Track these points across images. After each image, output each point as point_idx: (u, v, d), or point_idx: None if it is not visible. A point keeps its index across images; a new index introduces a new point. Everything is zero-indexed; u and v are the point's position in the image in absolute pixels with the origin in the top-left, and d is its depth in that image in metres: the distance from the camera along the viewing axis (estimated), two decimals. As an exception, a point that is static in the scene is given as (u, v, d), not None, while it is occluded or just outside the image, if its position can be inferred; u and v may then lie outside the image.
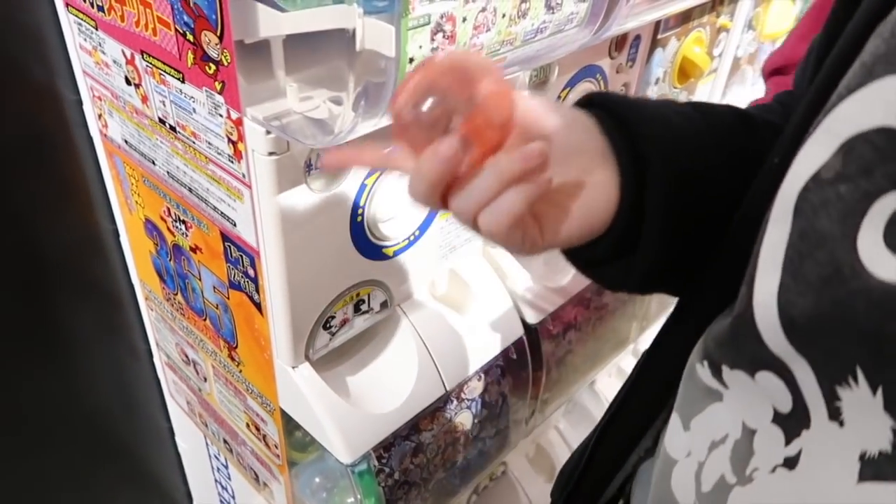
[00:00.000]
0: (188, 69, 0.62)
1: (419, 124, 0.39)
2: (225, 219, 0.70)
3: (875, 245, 0.29)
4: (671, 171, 0.43)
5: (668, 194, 0.43)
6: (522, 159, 0.38)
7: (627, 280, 0.47)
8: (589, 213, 0.43)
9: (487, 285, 0.94)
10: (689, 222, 0.45)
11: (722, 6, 1.21)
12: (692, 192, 0.44)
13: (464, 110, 0.38)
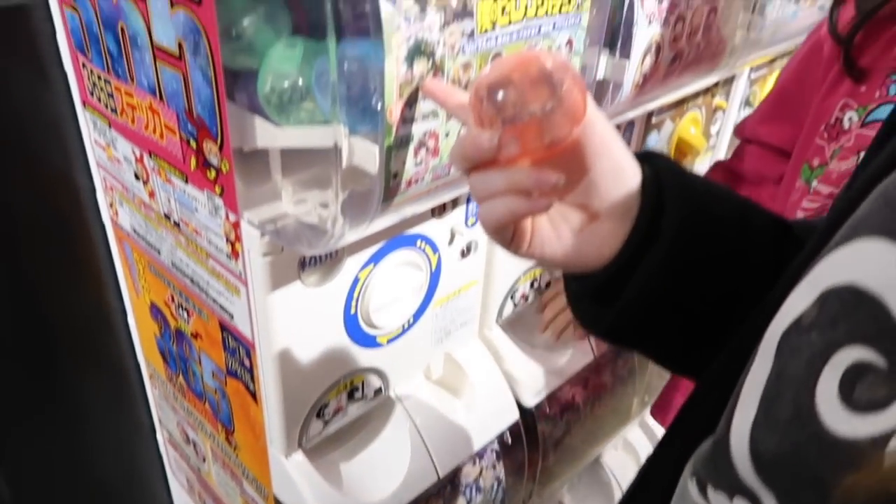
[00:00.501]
0: (191, 172, 0.65)
1: (490, 107, 0.42)
2: (223, 311, 0.73)
3: (830, 395, 0.30)
4: (677, 256, 0.44)
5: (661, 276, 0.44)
6: (536, 180, 0.41)
7: (595, 324, 0.49)
8: (580, 252, 0.46)
9: (483, 368, 0.95)
10: (673, 303, 0.46)
11: (717, 87, 1.24)
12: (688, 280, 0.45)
13: (532, 110, 0.41)
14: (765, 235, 0.48)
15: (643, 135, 1.10)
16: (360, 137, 0.52)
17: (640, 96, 0.79)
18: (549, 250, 0.46)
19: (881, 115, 0.64)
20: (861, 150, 0.65)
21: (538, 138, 0.42)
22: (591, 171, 0.44)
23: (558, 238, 0.46)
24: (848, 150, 0.66)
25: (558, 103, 0.41)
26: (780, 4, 0.94)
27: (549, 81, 0.41)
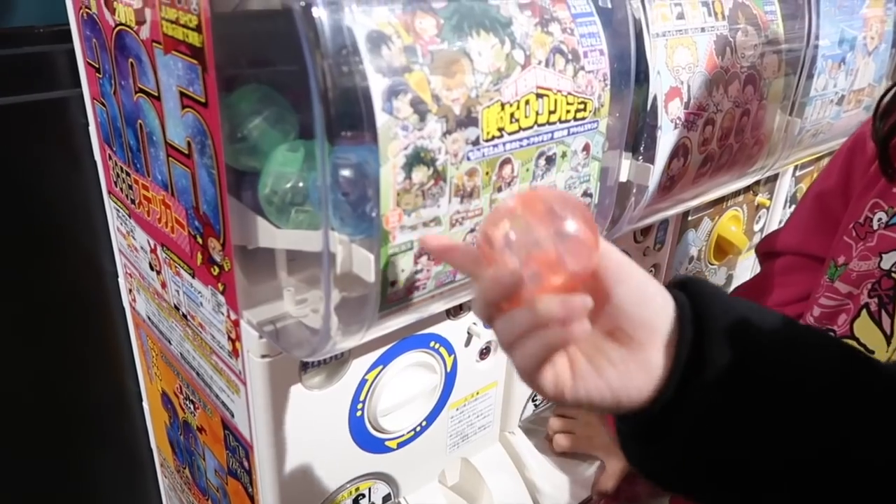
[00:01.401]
0: (198, 267, 0.64)
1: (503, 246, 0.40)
2: (225, 408, 0.70)
3: None
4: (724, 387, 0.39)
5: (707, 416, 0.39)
6: (564, 306, 0.38)
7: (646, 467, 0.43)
8: (624, 386, 0.40)
9: (503, 476, 0.90)
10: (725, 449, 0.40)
11: (759, 186, 1.20)
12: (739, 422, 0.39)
13: (546, 244, 0.39)
14: (831, 346, 0.43)
15: (679, 233, 1.06)
16: (357, 244, 0.50)
17: (669, 198, 0.76)
18: (595, 388, 0.40)
19: None
20: (882, 251, 0.61)
21: (558, 269, 0.39)
22: (615, 298, 0.40)
23: (600, 375, 0.41)
24: (869, 250, 0.62)
25: (570, 232, 0.39)
26: (820, 105, 0.91)
27: (554, 212, 0.40)
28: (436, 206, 0.50)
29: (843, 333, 0.63)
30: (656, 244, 1.00)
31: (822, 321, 0.66)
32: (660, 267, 1.03)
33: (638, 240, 0.96)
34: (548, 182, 0.58)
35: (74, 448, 1.03)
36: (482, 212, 0.54)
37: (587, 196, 0.63)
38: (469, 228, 0.54)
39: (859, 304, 0.62)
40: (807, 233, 0.78)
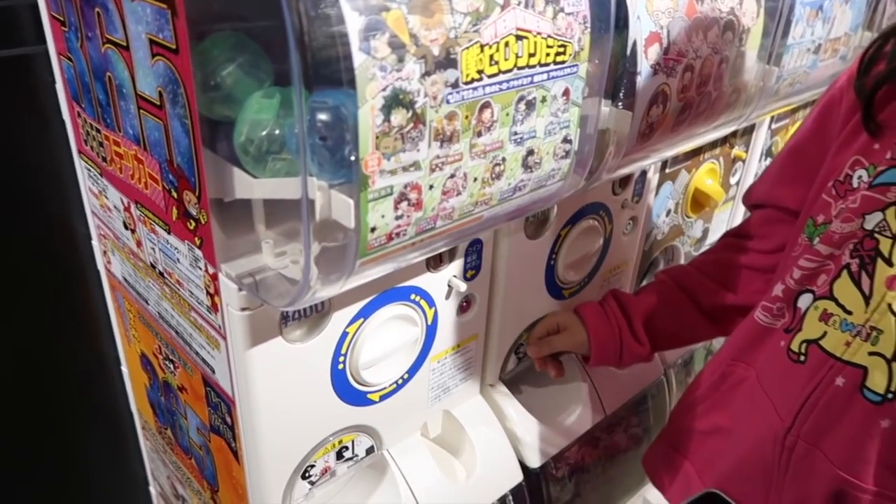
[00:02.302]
0: (173, 223, 0.63)
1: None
2: (206, 364, 0.70)
3: None
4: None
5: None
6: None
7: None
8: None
9: (485, 427, 0.91)
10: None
11: (735, 138, 1.21)
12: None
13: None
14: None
15: (657, 186, 1.06)
16: (336, 190, 0.49)
17: (649, 146, 0.76)
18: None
19: (890, 179, 0.60)
20: (865, 213, 0.61)
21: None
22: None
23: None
24: (852, 212, 0.62)
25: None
26: (797, 54, 0.91)
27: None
28: (415, 150, 0.49)
29: (822, 294, 0.63)
30: (634, 196, 1.01)
31: (801, 283, 0.66)
32: (637, 220, 1.04)
33: (616, 192, 0.96)
34: (527, 127, 0.57)
35: (53, 416, 1.02)
36: (462, 157, 0.53)
37: (567, 142, 0.63)
38: (449, 174, 0.53)
39: (840, 265, 0.62)
40: (780, 185, 0.78)
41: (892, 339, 0.57)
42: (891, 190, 0.59)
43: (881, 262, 0.58)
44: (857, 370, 0.60)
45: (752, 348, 0.72)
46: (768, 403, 0.68)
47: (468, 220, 0.59)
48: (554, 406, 1.01)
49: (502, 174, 0.59)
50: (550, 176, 0.64)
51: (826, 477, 0.63)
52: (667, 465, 0.82)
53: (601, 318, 0.89)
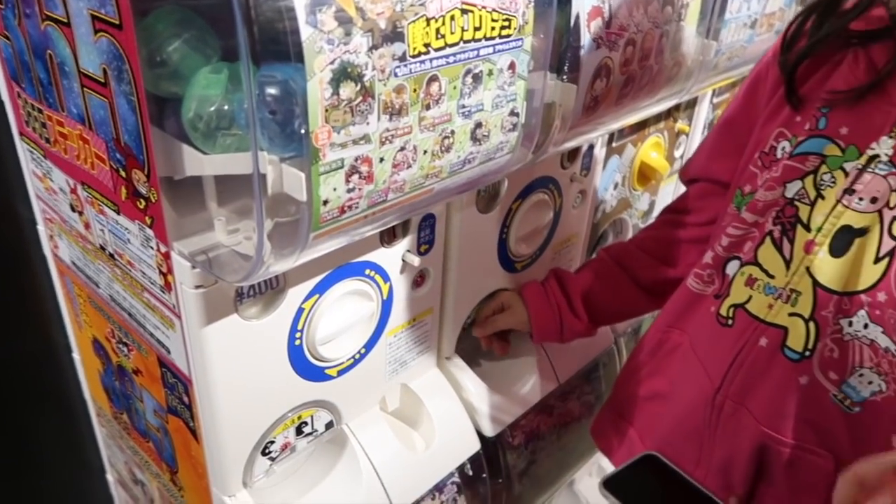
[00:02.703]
0: (122, 202, 0.63)
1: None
2: (161, 345, 0.70)
3: None
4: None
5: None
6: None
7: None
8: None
9: (442, 398, 0.93)
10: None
11: (678, 112, 1.24)
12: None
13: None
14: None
15: (604, 159, 1.09)
16: (287, 164, 0.50)
17: (594, 119, 0.78)
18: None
19: (808, 149, 0.63)
20: (786, 181, 0.64)
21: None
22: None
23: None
24: (774, 181, 0.65)
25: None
26: (734, 29, 0.94)
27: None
28: (365, 123, 0.50)
29: (748, 260, 0.67)
30: (582, 170, 1.03)
31: (729, 250, 0.69)
32: (586, 193, 1.07)
33: (565, 166, 0.99)
34: (475, 100, 0.59)
35: (4, 407, 1.00)
36: (411, 130, 0.54)
37: (514, 115, 0.64)
38: (399, 146, 0.54)
39: (764, 232, 0.65)
40: (713, 159, 0.81)
41: (809, 300, 0.61)
42: (809, 159, 0.62)
43: (800, 228, 0.62)
44: (778, 331, 0.63)
45: (685, 315, 0.75)
46: (700, 367, 0.71)
47: (419, 193, 0.60)
48: (509, 377, 1.04)
49: (451, 147, 0.60)
50: (499, 149, 0.66)
51: (751, 433, 0.66)
52: (612, 431, 0.86)
53: (541, 297, 0.93)
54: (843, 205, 0.59)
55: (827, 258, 0.60)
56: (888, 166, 0.57)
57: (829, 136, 0.61)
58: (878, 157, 0.58)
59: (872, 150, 0.58)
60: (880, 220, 0.57)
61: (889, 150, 0.57)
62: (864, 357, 0.59)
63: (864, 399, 0.60)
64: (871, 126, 0.59)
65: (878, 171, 0.57)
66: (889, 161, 0.57)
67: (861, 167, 0.58)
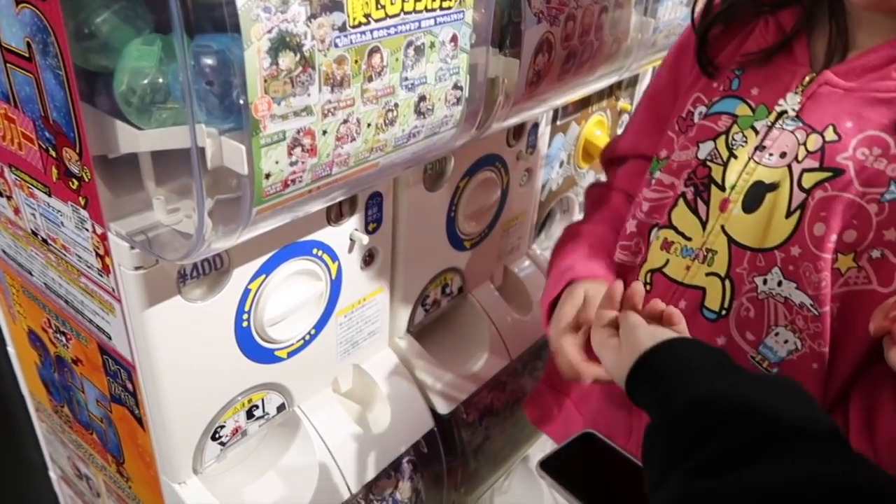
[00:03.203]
0: (54, 184, 0.60)
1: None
2: (101, 332, 0.67)
3: None
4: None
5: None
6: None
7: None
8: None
9: (395, 378, 0.93)
10: None
11: (620, 90, 1.26)
12: None
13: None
14: None
15: (549, 137, 1.10)
16: (227, 137, 0.48)
17: (537, 95, 0.79)
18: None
19: (721, 109, 0.64)
20: (699, 141, 0.65)
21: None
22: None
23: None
24: (689, 141, 0.66)
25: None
26: (671, 7, 0.96)
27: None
28: (306, 94, 0.49)
29: (664, 223, 0.67)
30: (528, 148, 1.04)
31: (650, 215, 0.69)
32: (532, 171, 1.08)
33: (511, 143, 0.99)
34: (418, 73, 0.58)
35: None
36: (354, 102, 0.54)
37: (458, 89, 0.64)
38: (342, 119, 0.53)
39: (677, 194, 0.66)
40: (641, 134, 0.80)
41: (724, 259, 0.62)
42: (721, 119, 0.64)
43: (714, 188, 0.63)
44: (696, 292, 0.64)
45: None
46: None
47: (365, 167, 0.60)
48: (461, 355, 1.04)
49: (395, 120, 0.59)
50: (443, 122, 0.65)
51: None
52: (550, 403, 0.86)
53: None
54: (755, 161, 0.60)
55: (741, 215, 0.61)
56: (795, 121, 0.59)
57: (740, 96, 0.63)
58: (785, 112, 0.60)
59: (780, 106, 0.60)
60: (790, 173, 0.59)
61: (796, 105, 0.59)
62: (778, 315, 0.61)
63: (781, 359, 0.61)
64: (779, 85, 0.61)
65: (786, 126, 0.59)
66: (796, 116, 0.59)
67: (770, 124, 0.60)
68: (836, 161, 0.56)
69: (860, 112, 0.56)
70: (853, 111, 0.57)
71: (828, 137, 0.57)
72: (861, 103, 0.57)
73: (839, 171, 0.56)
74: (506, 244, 1.10)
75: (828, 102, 0.58)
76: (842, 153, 0.56)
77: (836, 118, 0.57)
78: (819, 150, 0.57)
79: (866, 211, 0.56)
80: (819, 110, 0.58)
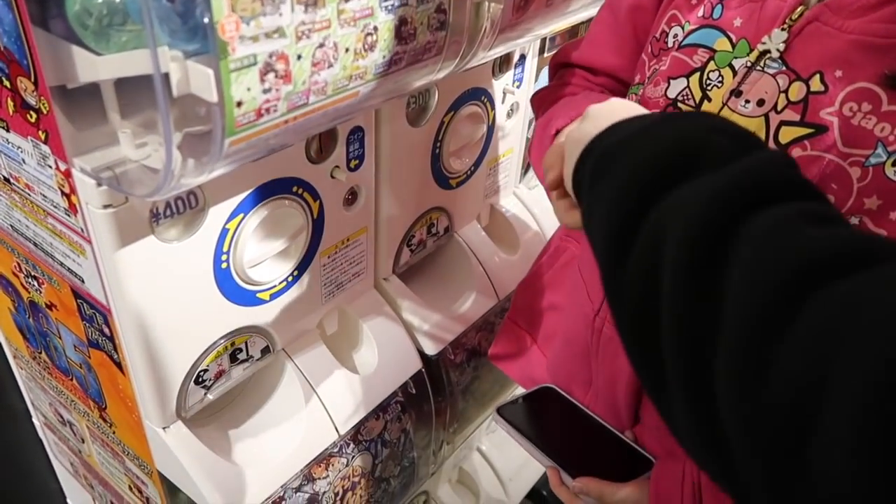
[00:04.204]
0: (11, 117, 0.56)
1: None
2: (73, 275, 0.65)
3: None
4: None
5: None
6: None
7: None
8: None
9: (381, 320, 0.91)
10: None
11: (609, 22, 1.22)
12: None
13: None
14: None
15: (537, 70, 1.06)
16: (193, 61, 0.45)
17: (524, 22, 0.74)
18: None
19: (698, 40, 0.56)
20: (671, 76, 0.57)
21: None
22: None
23: None
24: (661, 75, 0.59)
25: None
26: (664, -75, 0.91)
27: None
28: (277, 13, 0.45)
29: None
30: (515, 81, 1.00)
31: None
32: (518, 106, 1.04)
33: (496, 76, 0.95)
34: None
35: None
36: (330, 24, 0.50)
37: (441, 13, 0.60)
38: (317, 43, 0.50)
39: None
40: (605, 46, 0.69)
41: None
42: (697, 52, 0.56)
43: None
44: None
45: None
46: (583, 286, 0.68)
47: (344, 97, 0.56)
48: (448, 295, 1.03)
49: (375, 45, 0.56)
50: (426, 49, 0.62)
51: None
52: (512, 341, 0.82)
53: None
54: (729, 108, 0.54)
55: None
56: (778, 63, 0.51)
57: (721, 27, 0.56)
58: (768, 52, 0.52)
59: (763, 44, 0.52)
60: (766, 124, 0.52)
61: (780, 44, 0.51)
62: None
63: None
64: (765, 17, 0.53)
65: (767, 69, 0.52)
66: (780, 58, 0.51)
67: (750, 65, 0.53)
68: (819, 116, 0.50)
69: (852, 58, 0.49)
70: (845, 57, 0.49)
71: (812, 87, 0.50)
72: (854, 48, 0.48)
73: (822, 129, 0.50)
74: (492, 182, 1.07)
75: (817, 44, 0.50)
76: (827, 108, 0.50)
77: (824, 64, 0.50)
78: (802, 101, 0.51)
79: (847, 175, 0.50)
80: (806, 53, 0.51)
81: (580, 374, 0.71)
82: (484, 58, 0.74)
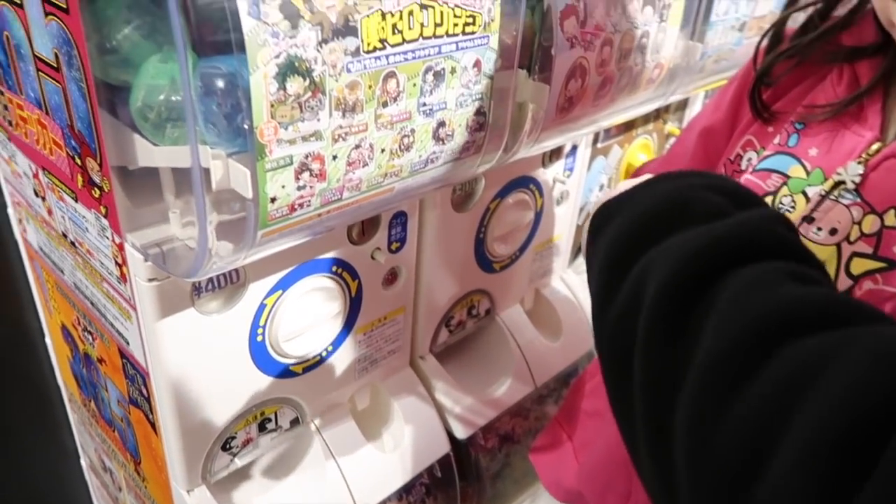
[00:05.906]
0: (79, 190, 0.62)
1: None
2: (120, 336, 0.69)
3: None
4: None
5: None
6: None
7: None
8: None
9: (413, 399, 0.92)
10: None
11: (668, 113, 1.22)
12: None
13: None
14: None
15: (589, 160, 1.07)
16: (233, 159, 0.48)
17: (569, 120, 0.76)
18: None
19: (772, 166, 0.57)
20: None
21: None
22: None
23: None
24: None
25: None
26: (722, 31, 0.92)
27: None
28: (315, 119, 0.49)
29: None
30: (566, 170, 1.02)
31: None
32: (569, 194, 1.05)
33: (546, 165, 0.97)
34: (437, 99, 0.57)
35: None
36: (367, 127, 0.53)
37: (481, 115, 0.63)
38: (353, 144, 0.53)
39: None
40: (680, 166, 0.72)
41: None
42: (771, 177, 0.57)
43: None
44: None
45: None
46: None
47: (378, 192, 0.59)
48: (484, 379, 1.02)
49: (412, 146, 0.58)
50: (465, 148, 0.64)
51: None
52: (552, 440, 0.81)
53: None
54: (801, 234, 0.54)
55: None
56: (853, 195, 0.52)
57: (796, 155, 0.57)
58: (843, 183, 0.52)
59: (839, 175, 0.53)
60: (838, 254, 0.52)
61: (856, 176, 0.52)
62: None
63: None
64: (842, 149, 0.54)
65: (842, 199, 0.52)
66: (855, 189, 0.52)
67: (824, 193, 0.53)
68: (892, 251, 0.49)
69: None
70: None
71: (888, 222, 0.50)
72: None
73: (894, 264, 0.49)
74: (538, 267, 1.08)
75: (893, 180, 0.50)
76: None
77: None
78: (875, 234, 0.50)
79: None
80: (882, 187, 0.50)
81: (619, 485, 0.69)
82: (528, 153, 0.76)
